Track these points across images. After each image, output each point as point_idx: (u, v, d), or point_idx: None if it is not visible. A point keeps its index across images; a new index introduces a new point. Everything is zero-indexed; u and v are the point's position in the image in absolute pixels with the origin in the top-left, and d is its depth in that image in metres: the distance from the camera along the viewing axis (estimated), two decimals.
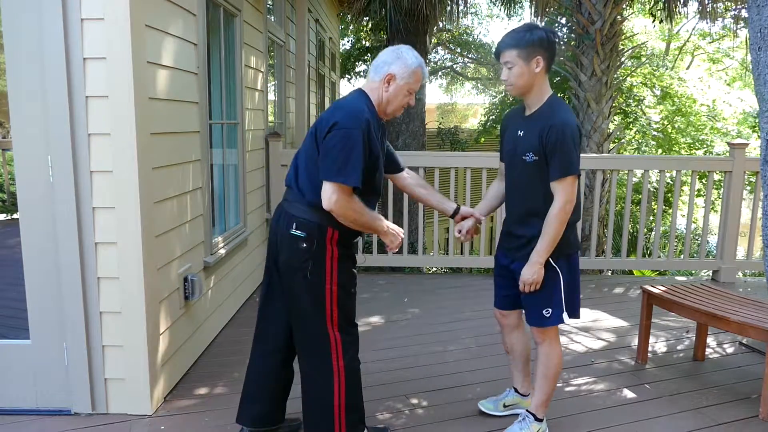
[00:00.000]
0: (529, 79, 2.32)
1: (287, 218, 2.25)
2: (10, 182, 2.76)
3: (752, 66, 2.79)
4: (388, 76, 2.20)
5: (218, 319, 3.82)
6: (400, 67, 2.20)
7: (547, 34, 2.32)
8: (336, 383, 2.27)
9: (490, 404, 2.81)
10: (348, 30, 15.78)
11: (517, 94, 2.40)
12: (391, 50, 2.26)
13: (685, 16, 9.43)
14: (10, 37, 2.47)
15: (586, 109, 6.80)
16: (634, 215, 10.73)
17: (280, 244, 2.27)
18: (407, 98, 2.28)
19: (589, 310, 4.43)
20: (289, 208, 2.26)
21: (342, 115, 2.14)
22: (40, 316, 2.66)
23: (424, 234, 5.46)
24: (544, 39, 2.30)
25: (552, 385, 2.55)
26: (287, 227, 2.24)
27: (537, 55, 2.29)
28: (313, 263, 2.21)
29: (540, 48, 2.29)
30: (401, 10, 7.65)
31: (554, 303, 2.43)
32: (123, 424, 2.67)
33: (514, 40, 2.31)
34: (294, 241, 2.22)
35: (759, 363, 3.42)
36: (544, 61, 2.31)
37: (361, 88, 2.29)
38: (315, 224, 2.21)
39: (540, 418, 2.57)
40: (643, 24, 15.66)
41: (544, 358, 2.52)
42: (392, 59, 2.21)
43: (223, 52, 3.92)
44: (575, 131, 2.30)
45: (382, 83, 2.21)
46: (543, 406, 2.57)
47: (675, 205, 5.26)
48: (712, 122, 13.30)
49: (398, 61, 2.21)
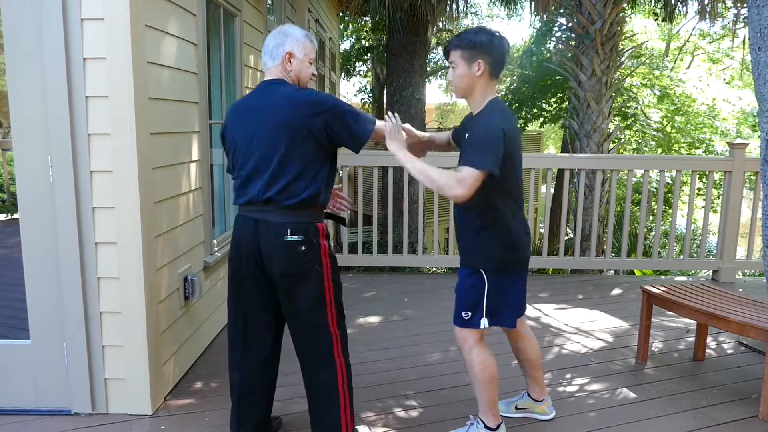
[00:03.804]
0: (470, 82, 2.30)
1: (275, 227, 2.16)
2: (10, 182, 2.76)
3: (752, 66, 2.79)
4: (286, 55, 2.23)
5: (218, 319, 3.82)
6: (292, 44, 2.23)
7: (493, 38, 2.28)
8: (340, 379, 2.30)
9: (501, 405, 2.77)
10: (348, 30, 15.77)
11: (460, 96, 2.39)
12: (276, 33, 2.26)
13: (685, 15, 9.43)
14: (10, 37, 2.47)
15: (586, 109, 6.80)
16: (634, 215, 10.74)
17: (271, 256, 2.19)
18: (310, 68, 2.30)
19: (589, 310, 4.43)
20: (270, 217, 2.17)
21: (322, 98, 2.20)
22: (40, 316, 2.66)
23: (424, 234, 5.46)
24: (486, 43, 2.26)
25: (484, 391, 2.43)
26: (278, 236, 2.16)
27: (479, 59, 2.26)
28: (312, 264, 2.21)
29: (482, 52, 2.26)
30: (401, 10, 7.65)
31: (473, 307, 2.38)
32: (123, 424, 2.67)
33: (459, 41, 2.30)
34: (291, 249, 2.17)
35: (759, 363, 3.42)
36: (486, 65, 2.27)
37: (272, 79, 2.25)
38: (308, 224, 2.19)
39: (490, 426, 2.47)
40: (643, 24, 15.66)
41: (467, 365, 2.45)
42: (282, 40, 2.23)
43: (223, 52, 3.92)
44: (496, 133, 2.20)
45: (285, 63, 2.23)
46: (488, 413, 2.47)
47: (675, 205, 5.26)
48: (712, 121, 13.31)
49: (289, 38, 2.24)
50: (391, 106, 8.92)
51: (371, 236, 5.97)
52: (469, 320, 2.39)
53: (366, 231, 9.76)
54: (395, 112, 2.54)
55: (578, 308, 4.50)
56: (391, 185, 5.36)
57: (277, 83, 2.23)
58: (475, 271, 2.37)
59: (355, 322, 4.07)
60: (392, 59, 8.89)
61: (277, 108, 2.15)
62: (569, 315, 4.33)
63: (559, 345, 3.75)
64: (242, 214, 2.27)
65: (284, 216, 2.17)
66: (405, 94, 8.76)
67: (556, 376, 3.29)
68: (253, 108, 2.21)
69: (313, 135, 2.13)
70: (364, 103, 17.70)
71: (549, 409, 2.79)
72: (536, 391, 2.76)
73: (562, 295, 4.85)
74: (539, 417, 2.77)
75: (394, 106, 8.82)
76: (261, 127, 2.16)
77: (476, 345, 2.42)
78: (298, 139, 2.12)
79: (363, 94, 18.08)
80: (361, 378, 3.15)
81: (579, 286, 5.14)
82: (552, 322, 4.18)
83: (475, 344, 2.42)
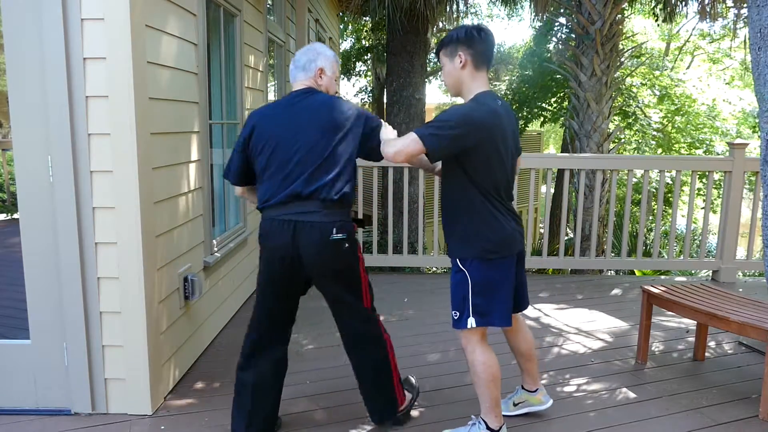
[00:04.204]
0: (456, 77, 2.34)
1: (319, 227, 2.28)
2: (10, 182, 2.76)
3: (752, 66, 2.79)
4: (318, 70, 2.41)
5: (218, 319, 3.82)
6: (324, 60, 2.43)
7: (471, 30, 2.31)
8: (390, 353, 2.58)
9: (502, 403, 2.79)
10: (348, 30, 15.78)
11: (453, 94, 2.42)
12: (307, 49, 2.45)
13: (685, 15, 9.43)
14: (10, 37, 2.47)
15: (586, 109, 6.80)
16: (634, 215, 10.74)
17: (318, 255, 2.30)
18: (336, 85, 2.54)
19: (589, 310, 4.43)
20: (312, 217, 2.27)
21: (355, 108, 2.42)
22: (40, 316, 2.66)
23: (424, 234, 5.46)
24: (463, 35, 2.30)
25: (486, 391, 2.42)
26: (324, 235, 2.28)
27: (458, 51, 2.30)
28: (355, 259, 2.40)
29: (461, 44, 2.30)
30: (401, 10, 7.65)
31: (460, 306, 2.38)
32: (123, 424, 2.67)
33: (441, 41, 2.36)
34: (338, 246, 2.31)
35: (759, 363, 3.42)
36: (467, 56, 2.30)
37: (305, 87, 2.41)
38: (347, 222, 2.36)
39: (493, 427, 2.46)
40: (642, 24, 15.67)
41: (469, 365, 2.44)
42: (313, 56, 2.42)
43: (223, 52, 3.92)
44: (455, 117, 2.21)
45: (317, 77, 2.42)
46: (490, 414, 2.45)
47: (675, 205, 5.26)
48: (712, 122, 13.31)
49: (321, 56, 2.43)
50: (391, 106, 8.92)
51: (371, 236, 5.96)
52: (458, 320, 2.39)
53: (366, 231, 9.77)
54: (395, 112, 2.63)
55: (578, 308, 4.50)
56: (391, 185, 5.36)
57: (313, 91, 2.40)
58: (460, 266, 2.39)
59: None
60: (392, 59, 8.89)
61: (319, 111, 2.32)
62: (569, 315, 4.33)
63: (559, 345, 3.75)
64: (276, 218, 2.31)
65: (327, 215, 2.29)
66: (405, 94, 8.75)
67: (556, 376, 3.29)
68: (291, 111, 2.34)
69: (349, 138, 2.32)
70: (364, 103, 17.70)
71: (545, 398, 2.79)
72: (528, 382, 2.77)
73: (562, 295, 4.85)
74: (537, 408, 2.77)
75: (394, 106, 8.82)
76: (303, 128, 2.29)
77: (478, 345, 2.41)
78: (338, 141, 2.30)
79: (363, 94, 18.07)
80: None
81: (579, 286, 5.14)
82: (552, 322, 4.18)
83: (477, 344, 2.41)
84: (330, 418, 2.79)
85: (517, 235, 2.42)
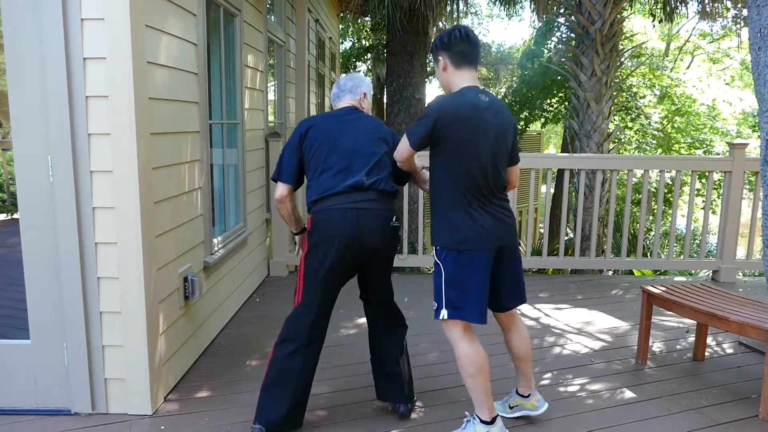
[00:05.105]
0: (444, 78, 2.52)
1: (383, 215, 2.54)
2: (10, 182, 2.76)
3: (752, 66, 2.79)
4: (363, 94, 2.79)
5: (218, 319, 3.82)
6: (366, 87, 2.82)
7: (444, 35, 2.48)
8: None
9: (499, 405, 2.80)
10: (348, 30, 15.78)
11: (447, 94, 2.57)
12: (352, 76, 2.83)
13: (685, 15, 9.43)
14: (10, 37, 2.47)
15: (586, 109, 6.80)
16: (634, 215, 10.74)
17: (381, 240, 2.54)
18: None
19: (589, 310, 4.43)
20: (374, 205, 2.52)
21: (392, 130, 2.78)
22: (40, 316, 2.66)
23: (424, 234, 5.46)
24: (439, 41, 2.49)
25: (473, 384, 2.44)
26: (387, 221, 2.55)
27: (438, 56, 2.50)
28: None
29: (439, 49, 2.49)
30: (401, 10, 7.65)
31: (436, 297, 2.47)
32: (123, 424, 2.67)
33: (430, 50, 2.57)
34: (395, 232, 2.61)
35: (759, 363, 3.42)
36: (446, 59, 2.47)
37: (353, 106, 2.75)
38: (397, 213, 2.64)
39: (485, 419, 2.46)
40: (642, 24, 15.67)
41: (455, 358, 2.49)
42: (359, 82, 2.80)
43: (223, 52, 3.92)
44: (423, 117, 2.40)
45: (361, 100, 2.79)
46: (482, 407, 2.46)
47: (675, 205, 5.26)
48: (712, 122, 13.31)
49: (364, 83, 2.82)
50: (391, 106, 8.92)
51: None
52: (436, 311, 2.48)
53: None
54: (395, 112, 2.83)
55: (578, 308, 4.50)
56: None
57: (358, 110, 2.76)
58: (436, 258, 2.49)
59: (356, 322, 4.07)
60: (392, 59, 8.89)
61: (368, 125, 2.68)
62: (569, 315, 4.33)
63: (559, 345, 3.76)
64: (336, 207, 2.50)
65: (386, 204, 2.57)
66: (405, 94, 8.75)
67: (556, 376, 3.29)
68: (343, 120, 2.67)
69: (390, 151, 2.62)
70: None
71: (539, 403, 2.74)
72: (522, 386, 2.74)
73: (562, 295, 4.85)
74: (531, 413, 2.74)
75: (394, 106, 8.82)
76: (357, 134, 2.61)
77: (461, 336, 2.46)
78: (384, 150, 2.61)
79: None
80: (361, 378, 3.15)
81: (579, 286, 5.15)
82: (552, 322, 4.18)
83: (460, 336, 2.46)
84: (333, 418, 2.79)
85: (494, 231, 2.43)
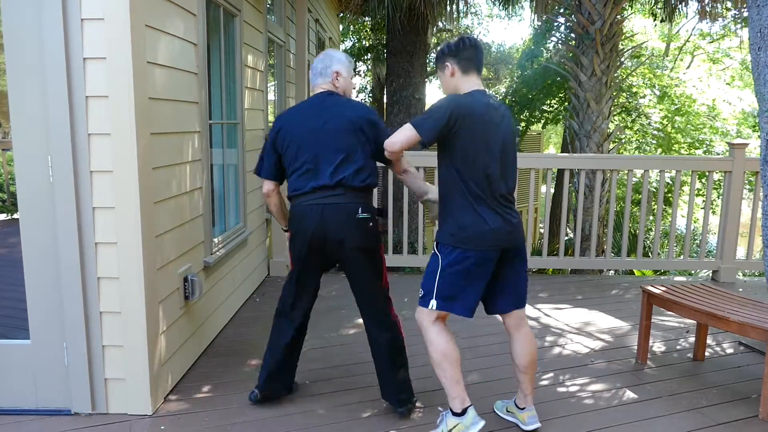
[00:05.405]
0: (451, 84, 2.52)
1: (346, 209, 2.54)
2: (10, 182, 2.76)
3: (752, 66, 2.79)
4: (335, 74, 2.68)
5: (218, 319, 3.82)
6: (338, 64, 2.69)
7: (452, 42, 2.51)
8: (401, 329, 2.79)
9: (499, 404, 2.82)
10: (348, 30, 15.78)
11: None
12: (323, 56, 2.71)
13: (685, 15, 9.44)
14: (10, 37, 2.47)
15: (586, 109, 6.80)
16: (634, 215, 10.74)
17: (344, 233, 2.55)
18: (352, 83, 2.80)
19: (589, 310, 4.43)
20: (339, 200, 2.54)
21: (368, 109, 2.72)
22: (40, 316, 2.66)
23: (424, 234, 5.46)
24: (446, 48, 2.52)
25: (440, 372, 2.46)
26: (351, 214, 2.54)
27: (446, 63, 2.51)
28: (377, 240, 2.66)
29: (446, 56, 2.51)
30: (401, 10, 7.65)
31: (427, 285, 2.49)
32: (123, 424, 2.67)
33: (435, 58, 2.58)
34: (363, 224, 2.57)
35: (759, 363, 3.42)
36: (454, 65, 2.49)
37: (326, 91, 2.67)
38: (371, 205, 2.62)
39: (456, 411, 2.45)
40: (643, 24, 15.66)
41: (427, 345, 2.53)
42: (329, 62, 2.69)
43: (223, 52, 3.92)
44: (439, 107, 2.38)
45: (334, 80, 2.68)
46: (450, 399, 2.47)
47: (675, 205, 5.26)
48: (712, 122, 13.31)
49: (335, 60, 2.69)
50: (391, 106, 8.92)
51: None
52: (422, 298, 2.49)
53: None
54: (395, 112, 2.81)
55: (578, 308, 4.50)
56: (391, 185, 5.36)
57: (333, 94, 2.68)
58: (435, 250, 2.51)
59: (355, 323, 4.07)
60: (392, 59, 8.89)
61: (338, 113, 2.59)
62: (569, 315, 4.33)
63: (559, 345, 3.76)
64: (305, 203, 2.57)
65: (352, 198, 2.55)
66: (405, 94, 8.76)
67: (556, 376, 3.29)
68: (313, 113, 2.61)
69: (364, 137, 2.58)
70: (364, 103, 17.67)
71: (530, 419, 2.64)
72: (520, 397, 2.69)
73: (562, 295, 4.85)
74: (520, 425, 2.66)
75: (394, 106, 8.83)
76: (329, 125, 2.56)
77: (430, 326, 2.49)
78: (356, 138, 2.57)
79: (363, 94, 18.08)
80: (361, 378, 3.16)
81: (579, 286, 5.15)
82: (552, 322, 4.18)
83: (429, 325, 2.49)
84: (333, 417, 2.79)
85: (500, 233, 2.43)
